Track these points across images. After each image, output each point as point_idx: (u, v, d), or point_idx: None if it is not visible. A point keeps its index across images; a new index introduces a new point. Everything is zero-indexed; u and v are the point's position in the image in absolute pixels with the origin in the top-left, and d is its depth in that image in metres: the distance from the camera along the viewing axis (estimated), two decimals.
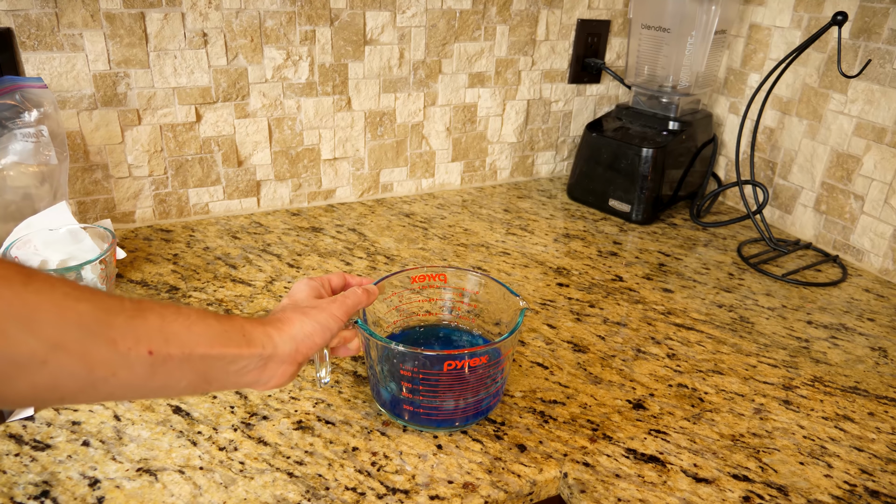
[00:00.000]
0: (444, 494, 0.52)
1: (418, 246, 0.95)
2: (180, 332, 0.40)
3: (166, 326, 0.39)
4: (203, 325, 0.42)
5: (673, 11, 1.04)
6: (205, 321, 0.42)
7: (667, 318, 0.80)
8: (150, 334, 0.38)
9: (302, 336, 0.48)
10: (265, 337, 0.45)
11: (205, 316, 0.42)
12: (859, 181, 0.96)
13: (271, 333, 0.46)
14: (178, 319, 0.40)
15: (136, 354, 0.37)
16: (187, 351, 0.40)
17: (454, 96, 1.10)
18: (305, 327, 0.48)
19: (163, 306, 0.40)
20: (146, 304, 0.39)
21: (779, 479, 0.56)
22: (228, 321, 0.44)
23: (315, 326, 0.49)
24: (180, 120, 0.92)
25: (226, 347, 0.42)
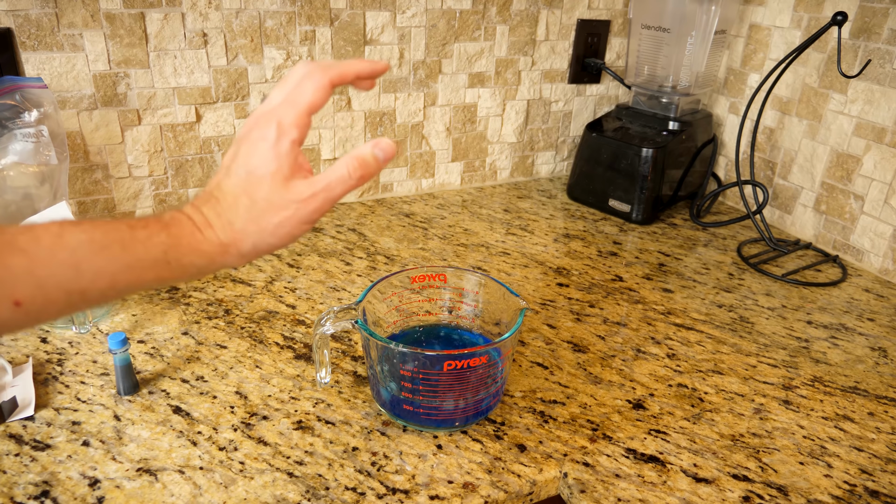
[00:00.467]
0: (444, 494, 0.52)
1: (418, 246, 0.95)
2: (62, 271, 0.33)
3: (38, 268, 0.32)
4: (100, 257, 0.34)
5: (673, 11, 1.04)
6: (103, 253, 0.34)
7: (667, 318, 0.80)
8: (13, 281, 0.31)
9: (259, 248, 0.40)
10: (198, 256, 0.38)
11: (104, 244, 0.35)
12: (859, 181, 0.96)
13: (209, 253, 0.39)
14: (56, 256, 0.33)
15: None
16: (78, 290, 0.34)
17: (454, 96, 1.10)
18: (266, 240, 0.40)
19: (34, 238, 0.33)
20: (4, 237, 0.32)
21: (779, 479, 0.56)
22: (143, 245, 0.36)
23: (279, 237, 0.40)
24: (180, 120, 0.92)
25: (138, 274, 0.36)
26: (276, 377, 0.65)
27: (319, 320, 0.57)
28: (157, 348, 0.68)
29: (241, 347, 0.69)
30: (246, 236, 0.40)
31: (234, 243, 0.40)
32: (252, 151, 0.40)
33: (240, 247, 0.40)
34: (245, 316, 0.75)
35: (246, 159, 0.40)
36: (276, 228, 0.40)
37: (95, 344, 0.68)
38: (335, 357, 0.68)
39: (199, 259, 0.38)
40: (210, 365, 0.66)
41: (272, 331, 0.72)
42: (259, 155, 0.40)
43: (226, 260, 0.40)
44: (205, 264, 0.39)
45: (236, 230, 0.40)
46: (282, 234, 0.40)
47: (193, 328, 0.72)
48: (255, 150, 0.40)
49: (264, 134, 0.40)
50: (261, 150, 0.40)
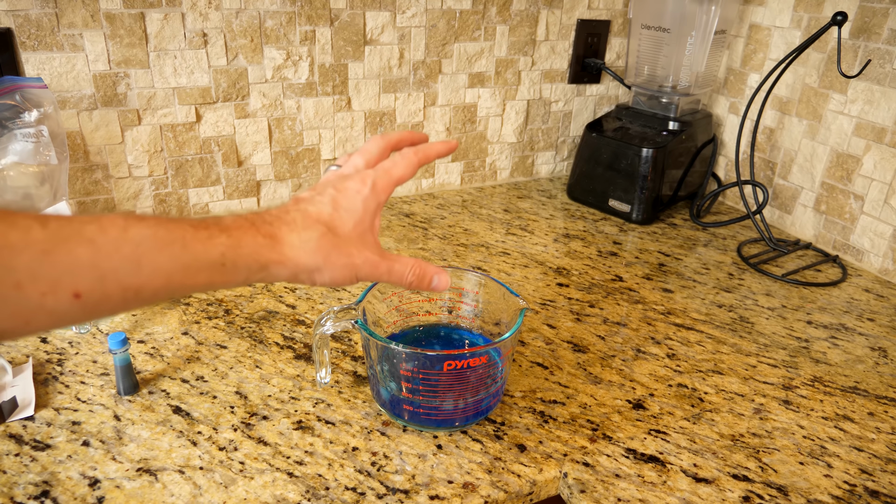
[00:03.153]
0: (444, 494, 0.52)
1: (418, 246, 0.95)
2: (123, 266, 0.32)
3: (102, 260, 0.31)
4: (160, 254, 0.34)
5: (673, 11, 1.04)
6: (164, 248, 0.34)
7: (667, 318, 0.80)
8: (76, 272, 0.30)
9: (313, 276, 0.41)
10: (257, 266, 0.38)
11: (167, 241, 0.34)
12: (859, 181, 0.96)
13: (267, 261, 0.39)
14: (120, 251, 0.32)
15: (55, 300, 0.30)
16: (134, 288, 0.33)
17: (454, 96, 1.10)
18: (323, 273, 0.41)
19: (101, 229, 0.32)
20: (72, 228, 0.31)
21: (779, 479, 0.56)
22: (203, 244, 0.36)
23: (334, 278, 0.42)
24: (180, 120, 0.92)
25: (192, 276, 0.35)
26: (276, 377, 0.65)
27: (319, 320, 0.57)
28: (157, 348, 0.68)
29: (241, 347, 0.69)
30: (310, 257, 0.40)
31: (296, 259, 0.40)
32: (344, 196, 0.43)
33: (299, 264, 0.40)
34: (245, 316, 0.75)
35: (336, 199, 0.43)
36: (339, 268, 0.42)
37: (95, 344, 0.68)
38: (335, 357, 0.68)
39: (254, 264, 0.38)
40: (210, 365, 0.66)
41: (272, 331, 0.72)
42: (350, 200, 0.43)
43: (278, 272, 0.40)
44: (257, 270, 0.39)
45: (305, 249, 0.40)
46: (337, 275, 0.42)
47: (193, 328, 0.72)
48: (347, 196, 0.43)
49: (359, 188, 0.44)
50: (353, 198, 0.43)
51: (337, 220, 0.42)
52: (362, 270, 0.43)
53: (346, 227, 0.42)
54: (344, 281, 0.43)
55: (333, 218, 0.42)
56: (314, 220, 0.41)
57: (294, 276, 0.41)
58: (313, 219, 0.42)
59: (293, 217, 0.41)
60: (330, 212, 0.42)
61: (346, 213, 0.43)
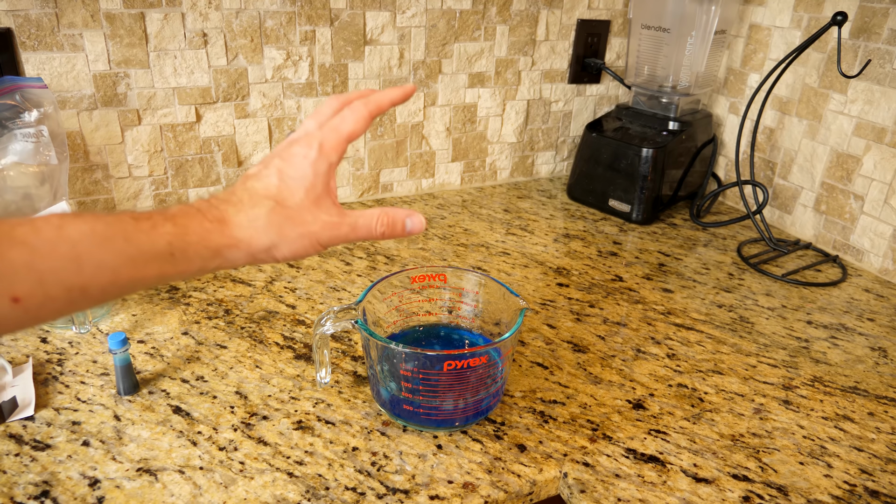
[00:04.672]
0: (444, 494, 0.52)
1: (418, 246, 0.95)
2: (63, 266, 0.31)
3: (39, 262, 0.30)
4: (103, 250, 0.33)
5: (673, 11, 1.04)
6: (107, 243, 0.33)
7: (667, 318, 0.80)
8: (12, 276, 0.30)
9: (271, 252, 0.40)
10: (209, 253, 0.37)
11: (107, 236, 0.33)
12: (859, 181, 0.96)
13: (220, 247, 0.38)
14: (58, 250, 0.31)
15: None
16: (78, 287, 0.32)
17: (454, 96, 1.10)
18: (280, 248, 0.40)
19: (34, 229, 0.31)
20: (2, 229, 0.30)
21: (779, 479, 0.56)
22: (147, 235, 0.35)
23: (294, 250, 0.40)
24: (180, 120, 0.92)
25: (140, 269, 0.34)
26: (276, 377, 0.65)
27: (319, 320, 0.57)
28: (157, 348, 0.68)
29: (241, 347, 0.69)
30: (263, 235, 0.39)
31: (249, 240, 0.39)
32: (290, 164, 0.41)
33: (253, 245, 0.39)
34: (245, 316, 0.75)
35: (281, 169, 0.41)
36: (296, 238, 0.40)
37: (95, 344, 0.68)
38: (335, 357, 0.68)
39: (205, 251, 0.37)
40: (210, 365, 0.66)
41: (272, 331, 0.72)
42: (297, 168, 0.41)
43: (234, 256, 0.39)
44: (210, 257, 0.38)
45: (256, 227, 0.39)
46: (297, 247, 0.41)
47: (193, 328, 0.72)
48: (293, 163, 0.41)
49: (306, 152, 0.42)
50: (300, 164, 0.41)
51: (285, 190, 0.41)
52: (322, 236, 0.41)
53: (296, 197, 0.41)
54: (306, 251, 0.41)
55: (281, 189, 0.41)
56: (261, 196, 0.40)
57: (251, 256, 0.40)
58: (260, 195, 0.40)
59: (239, 197, 0.40)
60: (276, 183, 0.41)
61: (295, 182, 0.41)
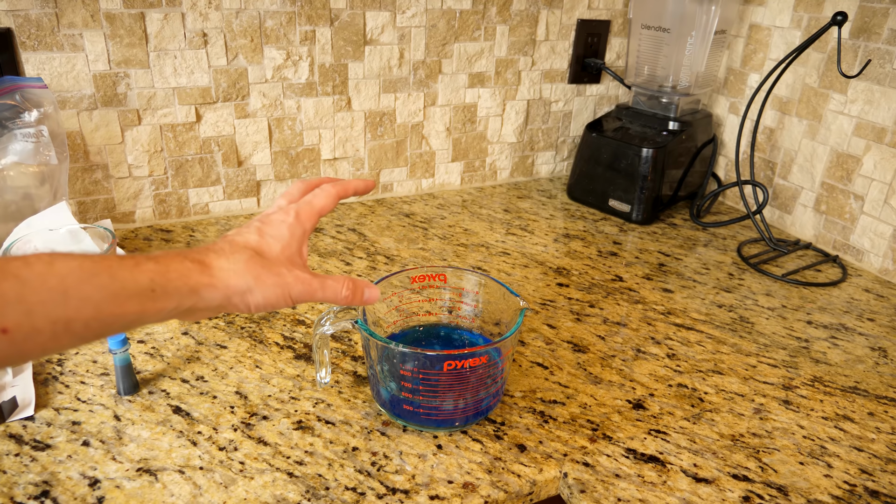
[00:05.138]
0: (444, 494, 0.52)
1: (418, 246, 0.95)
2: (50, 299, 0.32)
3: (28, 294, 0.32)
4: (88, 285, 0.34)
5: (673, 11, 1.04)
6: (91, 280, 0.34)
7: (667, 318, 0.80)
8: (2, 307, 0.31)
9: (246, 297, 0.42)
10: (187, 291, 0.39)
11: (93, 271, 0.35)
12: (859, 181, 0.96)
13: (197, 286, 0.39)
14: (46, 284, 0.32)
15: None
16: (63, 321, 0.33)
17: (454, 96, 1.10)
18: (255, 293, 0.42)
19: (26, 264, 0.33)
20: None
21: (779, 479, 0.56)
22: (130, 272, 0.36)
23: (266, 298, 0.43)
24: (180, 120, 0.92)
25: (122, 305, 0.35)
26: (276, 377, 0.65)
27: (319, 320, 0.57)
28: (157, 348, 0.68)
29: (241, 347, 0.69)
30: (241, 279, 0.42)
31: (226, 281, 0.41)
32: (269, 225, 0.47)
33: (230, 286, 0.41)
34: (245, 316, 0.75)
35: (261, 228, 0.46)
36: (270, 287, 0.43)
37: (95, 344, 0.68)
38: (335, 357, 0.68)
39: (184, 288, 0.39)
40: (210, 365, 0.66)
41: (272, 331, 0.72)
42: (275, 228, 0.46)
43: (210, 296, 0.40)
44: (187, 294, 0.39)
45: (235, 271, 0.42)
46: (270, 294, 0.43)
47: (193, 328, 0.72)
48: (272, 224, 0.47)
49: (283, 217, 0.47)
50: (278, 226, 0.47)
51: (264, 245, 0.45)
52: (294, 288, 0.45)
53: (273, 251, 0.45)
54: (277, 300, 0.44)
55: (260, 243, 0.45)
56: (241, 247, 0.44)
57: (226, 299, 0.41)
58: (240, 245, 0.44)
59: (221, 246, 0.43)
60: (257, 239, 0.45)
61: (273, 239, 0.46)
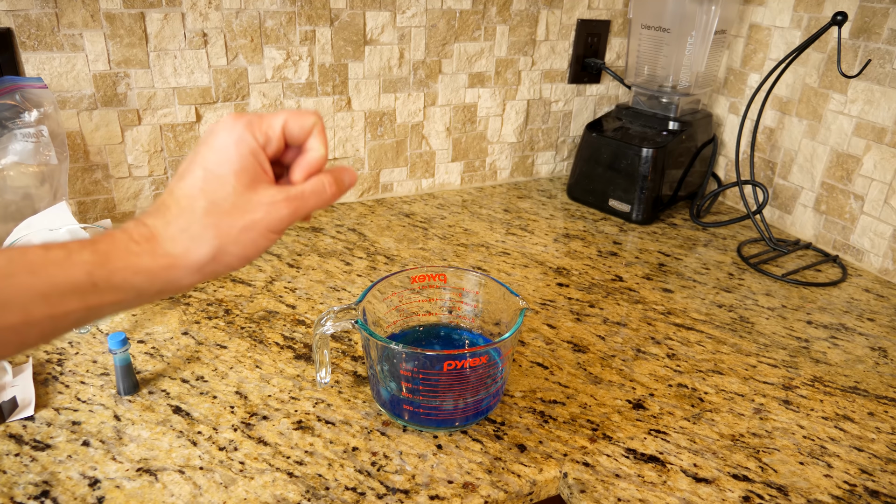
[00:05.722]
0: (444, 494, 0.52)
1: (418, 246, 0.95)
2: None
3: None
4: (7, 289, 0.30)
5: (673, 11, 1.04)
6: (7, 282, 0.30)
7: (667, 318, 0.80)
8: None
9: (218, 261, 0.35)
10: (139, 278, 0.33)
11: (9, 272, 0.30)
12: (859, 181, 0.96)
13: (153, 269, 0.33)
14: None
15: None
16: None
17: (454, 96, 1.10)
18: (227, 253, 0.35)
19: None
20: None
21: (779, 479, 0.56)
22: (60, 266, 0.31)
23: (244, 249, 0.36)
24: (180, 120, 0.92)
25: (61, 306, 0.31)
26: (276, 377, 0.65)
27: (319, 320, 0.57)
28: (157, 348, 0.68)
29: (241, 347, 0.69)
30: (202, 244, 0.35)
31: (186, 254, 0.34)
32: (211, 149, 0.36)
33: (193, 258, 0.35)
34: (245, 316, 0.75)
35: (204, 159, 0.36)
36: (241, 234, 0.35)
37: (95, 344, 0.68)
38: (335, 357, 0.68)
39: (135, 277, 0.33)
40: (210, 365, 0.66)
41: (272, 331, 0.72)
42: (220, 153, 0.36)
43: (173, 275, 0.34)
44: (144, 283, 0.33)
45: (191, 236, 0.34)
46: (246, 241, 0.35)
47: (193, 328, 0.72)
48: (214, 148, 0.36)
49: (227, 132, 0.36)
50: (223, 147, 0.36)
51: (215, 184, 0.35)
52: (270, 220, 0.36)
53: (227, 188, 0.35)
54: (256, 245, 0.36)
55: (210, 182, 0.35)
56: (188, 198, 0.35)
57: (198, 272, 0.35)
58: (187, 196, 0.35)
59: (167, 205, 0.35)
60: (202, 175, 0.35)
61: (223, 168, 0.35)
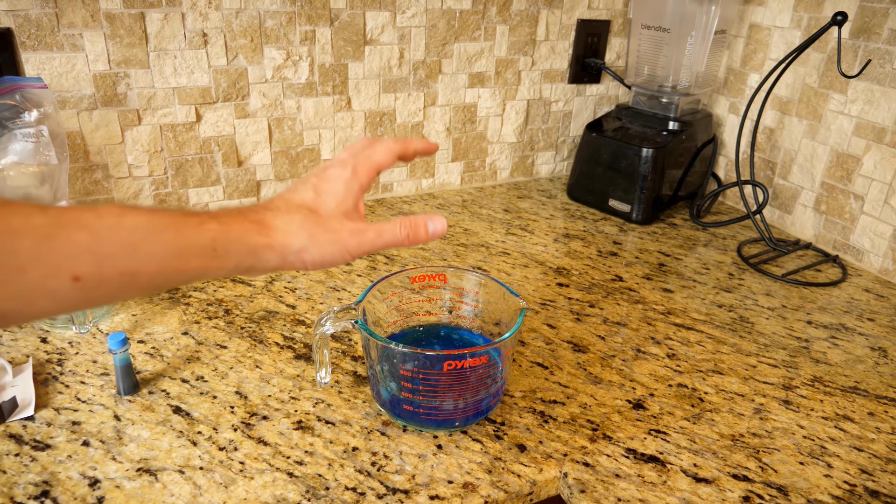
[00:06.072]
0: (444, 494, 0.52)
1: (418, 246, 0.95)
2: (119, 251, 0.34)
3: (99, 245, 0.33)
4: (154, 241, 0.35)
5: (673, 11, 1.04)
6: (157, 235, 0.35)
7: (667, 318, 0.80)
8: (75, 257, 0.32)
9: (302, 256, 0.42)
10: (246, 251, 0.39)
11: (160, 228, 0.36)
12: (859, 181, 0.96)
13: (255, 246, 0.40)
14: (115, 236, 0.34)
15: (57, 282, 0.31)
16: (130, 272, 0.34)
17: (454, 96, 1.10)
18: (311, 251, 0.42)
19: (98, 216, 0.34)
20: (71, 215, 0.33)
21: (779, 479, 0.56)
22: (197, 228, 0.37)
23: (323, 255, 0.43)
24: (180, 120, 0.92)
25: (186, 262, 0.36)
26: (276, 377, 0.65)
27: (319, 320, 0.57)
28: (157, 348, 0.68)
29: (241, 347, 0.69)
30: (296, 238, 0.42)
31: (283, 241, 0.41)
32: (325, 181, 0.45)
33: (286, 246, 0.42)
34: (245, 316, 0.75)
35: (317, 185, 0.45)
36: (325, 245, 0.43)
37: (95, 344, 0.68)
38: (335, 357, 0.68)
39: (243, 248, 0.40)
40: (210, 365, 0.66)
41: (272, 331, 0.72)
42: (332, 184, 0.45)
43: (267, 256, 0.41)
44: (246, 255, 0.40)
45: (290, 231, 0.42)
46: (326, 252, 0.43)
47: (193, 328, 0.72)
48: (328, 181, 0.46)
49: (340, 172, 0.46)
50: (335, 181, 0.45)
51: (319, 202, 0.44)
52: (350, 242, 0.44)
53: (328, 207, 0.44)
54: (334, 256, 0.43)
55: (316, 201, 0.44)
56: (296, 205, 0.43)
57: (282, 258, 0.42)
58: (296, 204, 0.44)
59: (277, 205, 0.43)
60: (312, 196, 0.44)
61: (328, 196, 0.45)
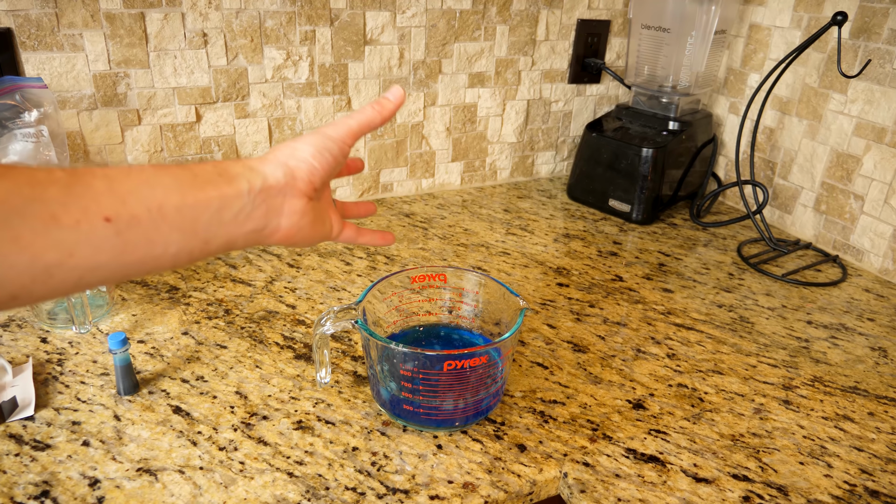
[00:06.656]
0: (444, 494, 0.52)
1: (418, 246, 0.95)
2: (137, 188, 0.35)
3: (117, 186, 0.34)
4: (165, 176, 0.36)
5: (673, 11, 1.04)
6: (166, 171, 0.37)
7: (667, 318, 0.80)
8: (99, 199, 0.33)
9: (295, 160, 0.43)
10: (246, 169, 0.41)
11: (163, 167, 0.37)
12: (859, 181, 0.96)
13: (252, 164, 0.41)
14: (130, 177, 0.35)
15: (90, 226, 0.32)
16: (156, 205, 0.35)
17: (454, 96, 1.10)
18: (298, 151, 0.44)
19: (105, 168, 0.35)
20: (83, 169, 0.34)
21: (779, 479, 0.56)
22: (196, 164, 0.39)
23: (308, 148, 0.44)
24: (180, 120, 0.92)
25: (202, 191, 0.37)
26: (276, 377, 0.65)
27: (319, 320, 0.57)
28: (157, 348, 0.68)
29: (241, 347, 0.69)
30: (274, 168, 0.42)
31: (262, 169, 0.42)
32: (297, 141, 0.46)
33: (266, 173, 0.42)
34: (245, 316, 0.75)
35: (291, 145, 0.45)
36: (310, 138, 0.45)
37: (95, 344, 0.68)
38: (335, 357, 0.68)
39: (244, 169, 0.41)
40: (210, 365, 0.66)
41: (272, 331, 0.72)
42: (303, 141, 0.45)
43: (270, 170, 0.42)
44: (249, 172, 0.41)
45: (268, 164, 0.43)
46: (317, 142, 0.45)
47: (193, 328, 0.72)
48: (299, 143, 0.46)
49: (310, 136, 0.47)
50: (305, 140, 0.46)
51: (293, 149, 0.45)
52: (329, 130, 0.46)
53: (302, 153, 0.45)
54: (325, 144, 0.45)
55: (292, 149, 0.45)
56: (280, 150, 0.45)
57: (283, 167, 0.43)
58: (269, 158, 0.45)
59: (266, 157, 0.45)
60: (287, 152, 0.45)
61: (302, 145, 0.46)
